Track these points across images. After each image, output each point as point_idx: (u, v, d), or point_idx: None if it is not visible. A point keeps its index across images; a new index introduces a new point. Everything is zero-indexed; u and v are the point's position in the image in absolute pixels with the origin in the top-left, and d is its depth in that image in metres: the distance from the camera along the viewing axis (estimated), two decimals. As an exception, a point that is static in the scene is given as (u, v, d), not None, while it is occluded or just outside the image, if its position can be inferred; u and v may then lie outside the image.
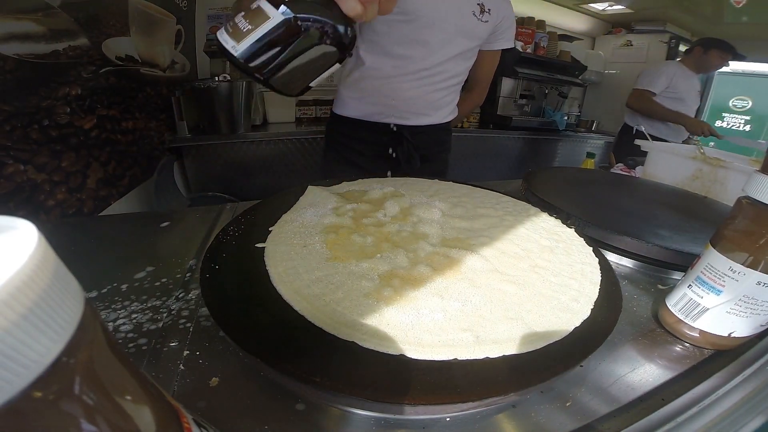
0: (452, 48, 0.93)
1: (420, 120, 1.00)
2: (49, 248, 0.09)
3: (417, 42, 0.90)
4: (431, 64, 0.93)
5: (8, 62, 0.83)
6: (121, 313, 0.37)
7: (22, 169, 0.87)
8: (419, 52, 0.91)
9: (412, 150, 1.00)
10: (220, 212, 0.64)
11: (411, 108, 0.97)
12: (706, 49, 2.04)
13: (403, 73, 0.93)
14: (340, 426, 0.28)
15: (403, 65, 0.92)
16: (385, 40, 0.91)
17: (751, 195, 0.34)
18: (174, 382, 0.30)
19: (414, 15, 0.87)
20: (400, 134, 0.99)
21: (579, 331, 0.32)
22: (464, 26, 0.91)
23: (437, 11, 0.87)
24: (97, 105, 1.16)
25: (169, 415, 0.13)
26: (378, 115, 0.98)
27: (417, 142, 1.00)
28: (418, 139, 1.00)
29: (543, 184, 0.72)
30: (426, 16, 0.87)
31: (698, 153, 0.87)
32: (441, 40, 0.90)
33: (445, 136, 1.12)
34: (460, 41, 0.93)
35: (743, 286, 0.34)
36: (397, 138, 0.99)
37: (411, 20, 0.87)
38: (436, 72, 0.94)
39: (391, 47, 0.91)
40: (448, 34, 0.90)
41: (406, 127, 0.99)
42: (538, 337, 0.31)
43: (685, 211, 0.67)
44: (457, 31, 0.91)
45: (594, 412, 0.30)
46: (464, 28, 0.91)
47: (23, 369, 0.08)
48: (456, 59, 0.95)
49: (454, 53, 0.94)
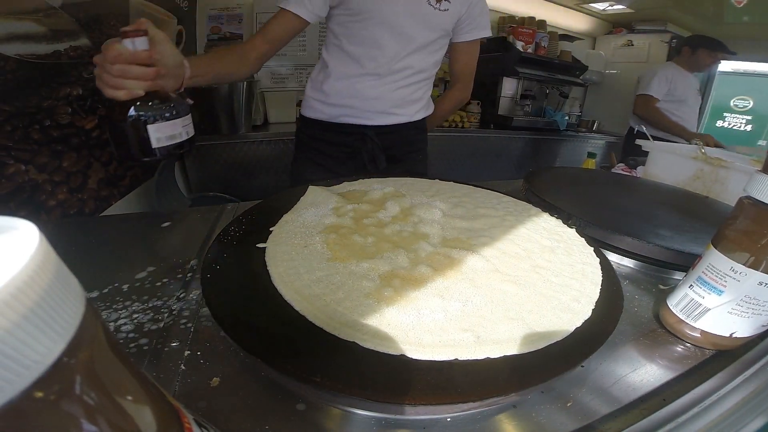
0: (410, 43, 0.90)
1: (385, 119, 0.97)
2: (50, 248, 0.09)
3: (372, 40, 0.88)
4: (389, 62, 0.91)
5: (9, 62, 0.84)
6: (122, 313, 0.37)
7: (23, 170, 0.87)
8: (375, 51, 0.89)
9: (377, 150, 0.98)
10: (221, 212, 0.64)
11: (374, 107, 0.95)
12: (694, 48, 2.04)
13: (363, 73, 0.91)
14: (341, 426, 0.28)
15: (361, 65, 0.91)
16: (342, 42, 0.90)
17: (752, 195, 0.34)
18: (175, 382, 0.30)
19: (363, 13, 0.85)
20: (364, 134, 0.97)
21: (580, 331, 0.32)
22: (420, 18, 0.88)
23: (386, 5, 0.84)
24: (98, 105, 1.16)
25: (170, 415, 0.13)
26: (343, 117, 0.97)
27: (384, 142, 0.98)
28: (385, 139, 0.99)
29: (544, 184, 0.72)
30: (375, 11, 0.85)
31: (699, 153, 0.87)
32: (396, 36, 0.88)
33: (417, 135, 1.07)
34: (419, 34, 0.90)
35: (745, 287, 0.34)
36: (362, 138, 0.98)
37: (362, 19, 0.86)
38: (396, 69, 0.92)
39: (349, 47, 0.90)
40: (403, 28, 0.87)
41: (371, 127, 0.97)
42: (539, 338, 0.31)
43: (686, 211, 0.67)
44: (414, 23, 0.88)
45: (595, 412, 0.30)
46: (421, 20, 0.88)
47: (24, 369, 0.08)
48: (418, 54, 0.92)
49: (414, 48, 0.91)
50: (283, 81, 2.14)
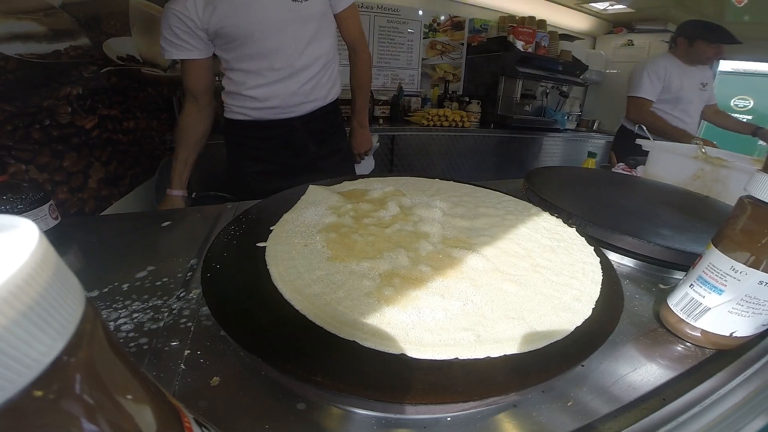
0: (295, 42, 0.92)
1: (304, 109, 1.02)
2: (50, 247, 0.09)
3: (258, 55, 0.92)
4: (285, 66, 0.93)
5: (10, 62, 0.84)
6: (122, 312, 0.37)
7: (24, 169, 0.88)
8: (266, 62, 0.92)
9: (305, 137, 1.04)
10: (221, 212, 0.64)
11: (290, 102, 0.99)
12: (691, 40, 1.71)
13: (266, 83, 0.95)
14: (341, 425, 0.28)
15: (261, 76, 0.94)
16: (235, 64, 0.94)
17: (753, 194, 0.34)
18: (175, 382, 0.30)
19: (239, 38, 0.88)
20: (291, 126, 1.02)
21: (580, 330, 0.32)
22: (291, 17, 0.90)
23: (254, 23, 0.87)
24: (98, 105, 1.16)
25: (170, 414, 0.13)
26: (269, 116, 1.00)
27: (310, 129, 1.04)
28: (311, 126, 1.04)
29: (544, 183, 0.72)
30: (248, 31, 0.88)
31: (700, 152, 0.87)
32: (277, 43, 0.91)
33: (335, 115, 1.13)
34: (298, 31, 0.92)
35: (745, 286, 0.34)
36: (290, 130, 1.03)
37: (240, 44, 0.89)
38: (296, 70, 0.95)
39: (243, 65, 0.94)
40: (280, 33, 0.90)
41: (296, 119, 1.02)
42: (540, 337, 0.31)
43: (686, 210, 0.67)
44: (286, 25, 0.90)
45: (595, 411, 0.30)
46: (294, 18, 0.91)
47: (24, 368, 0.08)
48: (309, 47, 0.95)
49: (302, 45, 0.93)
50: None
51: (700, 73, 1.78)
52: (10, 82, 0.84)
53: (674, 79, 1.73)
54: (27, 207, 0.47)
